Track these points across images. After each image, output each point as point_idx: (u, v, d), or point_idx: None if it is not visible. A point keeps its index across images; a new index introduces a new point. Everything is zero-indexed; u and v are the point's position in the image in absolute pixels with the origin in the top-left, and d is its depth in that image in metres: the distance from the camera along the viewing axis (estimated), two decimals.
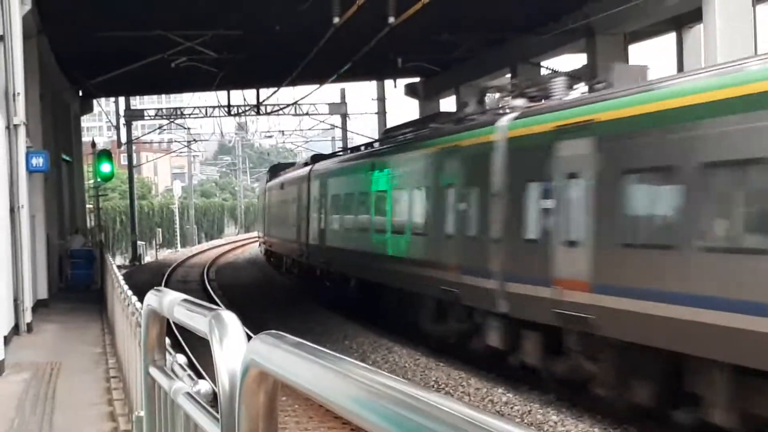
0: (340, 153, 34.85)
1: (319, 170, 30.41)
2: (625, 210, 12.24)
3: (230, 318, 2.50)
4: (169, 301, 3.43)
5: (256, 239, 58.48)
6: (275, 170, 45.99)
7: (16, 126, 17.78)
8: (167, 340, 4.15)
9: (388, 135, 25.89)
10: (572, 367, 13.65)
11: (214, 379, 3.56)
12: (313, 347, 1.67)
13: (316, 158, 34.23)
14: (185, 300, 3.22)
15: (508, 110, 16.56)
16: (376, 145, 27.76)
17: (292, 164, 44.78)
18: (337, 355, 1.56)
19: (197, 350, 17.16)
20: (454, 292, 17.40)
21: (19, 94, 17.82)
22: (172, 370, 3.91)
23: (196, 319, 2.85)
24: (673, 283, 11.07)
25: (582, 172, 13.20)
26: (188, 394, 3.27)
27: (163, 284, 32.41)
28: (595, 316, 12.48)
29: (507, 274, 15.20)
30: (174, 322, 3.57)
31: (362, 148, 30.40)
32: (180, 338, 17.51)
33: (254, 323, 19.61)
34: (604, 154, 12.67)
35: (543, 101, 16.29)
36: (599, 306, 12.42)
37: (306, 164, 34.73)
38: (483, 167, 16.21)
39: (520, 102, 16.54)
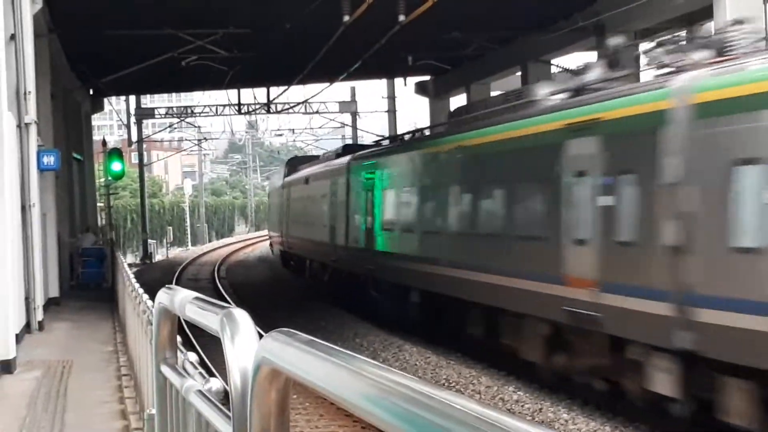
0: (383, 140, 30.76)
1: (363, 162, 25.60)
2: None
3: (242, 316, 2.51)
4: (180, 299, 3.44)
5: (267, 238, 58.29)
6: (295, 164, 41.92)
7: (27, 125, 17.83)
8: (178, 338, 4.16)
9: (461, 116, 21.21)
10: None
11: (224, 377, 3.57)
12: (326, 345, 1.67)
13: (350, 148, 30.46)
14: (197, 298, 3.22)
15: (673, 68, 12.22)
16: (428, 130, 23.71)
17: (315, 157, 41.22)
18: (350, 353, 1.56)
19: (207, 348, 17.21)
20: (591, 316, 12.89)
21: (30, 92, 17.86)
22: (184, 368, 3.93)
23: (207, 317, 2.86)
24: None
25: None
26: (200, 392, 3.28)
27: (173, 282, 32.49)
28: None
29: (693, 295, 10.86)
30: (185, 321, 3.58)
31: (402, 136, 27.20)
32: (191, 336, 17.55)
33: (264, 321, 19.65)
34: None
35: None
36: None
37: (338, 155, 30.42)
38: (644, 146, 11.92)
39: (701, 55, 11.95)
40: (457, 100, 39.33)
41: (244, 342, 2.41)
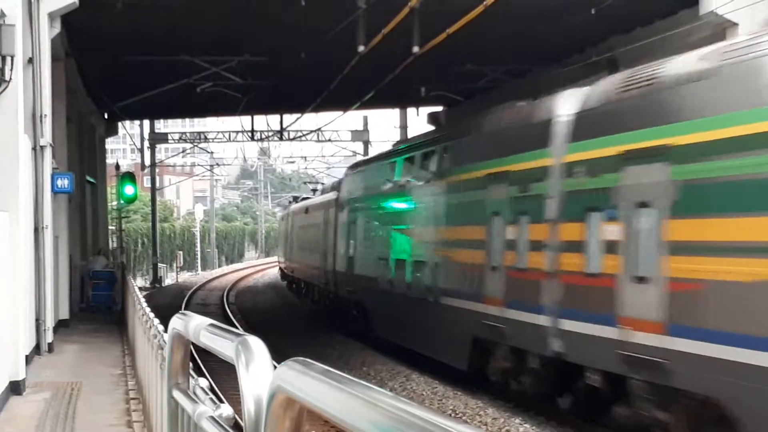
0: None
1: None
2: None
3: (257, 344, 2.56)
4: (195, 325, 3.49)
5: (276, 264, 58.31)
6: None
7: (42, 147, 17.95)
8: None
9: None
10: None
11: (233, 404, 3.62)
12: (341, 375, 1.72)
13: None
14: (211, 325, 3.28)
15: None
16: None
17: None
18: (365, 383, 1.61)
19: (215, 374, 17.23)
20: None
21: (46, 116, 18.00)
22: (195, 394, 3.97)
23: (222, 344, 2.91)
24: None
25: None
26: (212, 418, 3.33)
27: (183, 307, 32.51)
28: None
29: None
30: (194, 347, 3.63)
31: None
32: (200, 362, 17.57)
33: (273, 348, 19.58)
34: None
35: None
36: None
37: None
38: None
39: None
40: None
41: (259, 370, 2.46)
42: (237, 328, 22.66)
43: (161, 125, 62.36)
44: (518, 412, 15.92)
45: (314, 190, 52.48)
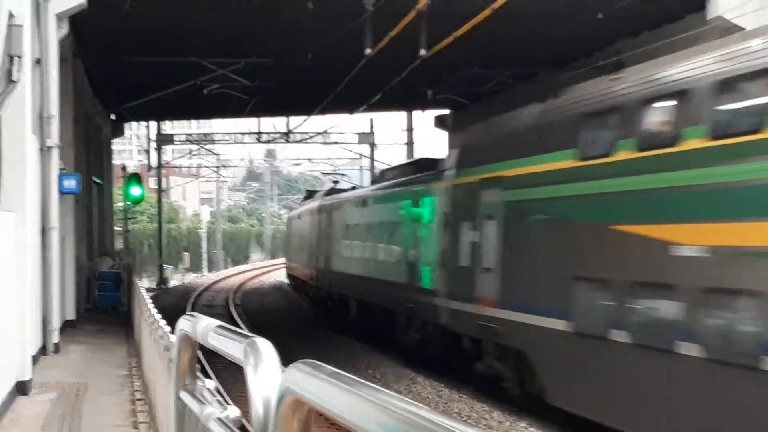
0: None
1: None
2: None
3: (265, 345, 2.58)
4: (203, 327, 3.51)
5: (284, 266, 58.07)
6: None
7: (49, 148, 17.98)
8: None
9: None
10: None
11: (239, 405, 3.64)
12: (350, 377, 1.73)
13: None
14: (220, 326, 3.29)
15: None
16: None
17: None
18: (373, 385, 1.62)
19: (220, 376, 17.24)
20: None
21: (53, 116, 18.04)
22: (202, 395, 3.99)
23: (230, 346, 2.93)
24: None
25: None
26: (219, 419, 3.34)
27: (188, 308, 32.56)
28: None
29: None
30: (200, 348, 3.65)
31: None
32: (205, 363, 17.59)
33: (278, 350, 19.60)
34: None
35: None
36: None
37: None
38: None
39: None
40: None
41: (268, 371, 2.48)
42: (243, 329, 22.70)
43: (168, 126, 62.41)
44: (523, 415, 15.91)
45: (335, 182, 51.41)
